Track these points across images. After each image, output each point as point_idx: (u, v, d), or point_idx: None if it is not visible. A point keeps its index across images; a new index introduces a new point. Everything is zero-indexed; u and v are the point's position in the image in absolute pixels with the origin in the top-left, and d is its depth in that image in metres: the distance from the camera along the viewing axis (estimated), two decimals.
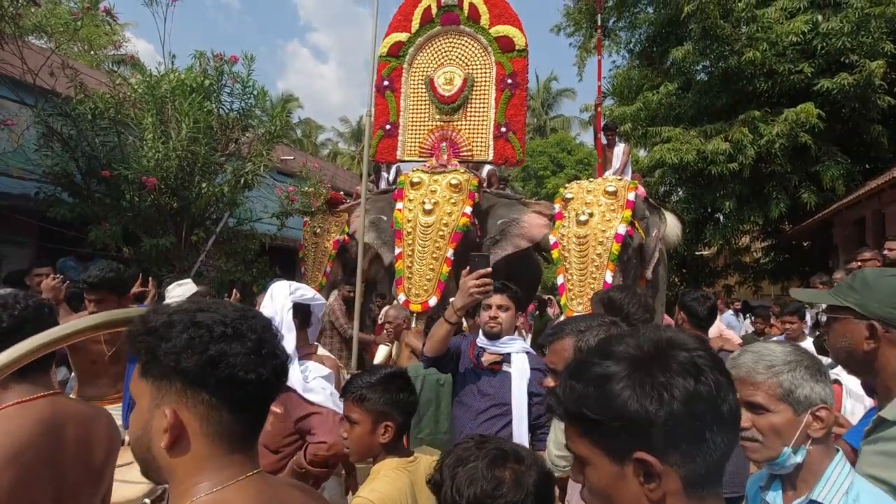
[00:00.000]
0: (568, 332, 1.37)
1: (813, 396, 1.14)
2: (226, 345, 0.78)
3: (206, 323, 0.78)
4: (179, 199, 5.40)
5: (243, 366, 0.78)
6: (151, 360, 0.78)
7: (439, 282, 4.44)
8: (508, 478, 1.02)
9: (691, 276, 11.90)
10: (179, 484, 0.78)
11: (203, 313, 0.80)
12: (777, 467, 1.17)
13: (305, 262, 6.60)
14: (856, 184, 9.05)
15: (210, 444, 0.78)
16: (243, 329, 0.80)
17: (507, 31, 5.19)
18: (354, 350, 3.78)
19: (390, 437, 1.53)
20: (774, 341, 1.32)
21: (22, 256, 6.43)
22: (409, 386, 1.62)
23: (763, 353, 1.20)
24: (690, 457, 0.66)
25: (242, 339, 0.79)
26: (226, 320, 0.80)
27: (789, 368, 1.16)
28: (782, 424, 1.14)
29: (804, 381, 1.15)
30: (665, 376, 0.66)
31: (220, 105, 5.88)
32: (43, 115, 5.35)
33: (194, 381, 0.77)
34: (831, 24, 8.80)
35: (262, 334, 0.82)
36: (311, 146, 28.40)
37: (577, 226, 4.34)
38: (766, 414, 1.15)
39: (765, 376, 1.16)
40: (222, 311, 0.82)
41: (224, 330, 0.79)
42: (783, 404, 1.14)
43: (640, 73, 11.59)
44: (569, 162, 25.33)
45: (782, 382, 1.15)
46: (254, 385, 0.79)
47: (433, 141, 5.31)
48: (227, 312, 0.81)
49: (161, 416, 0.77)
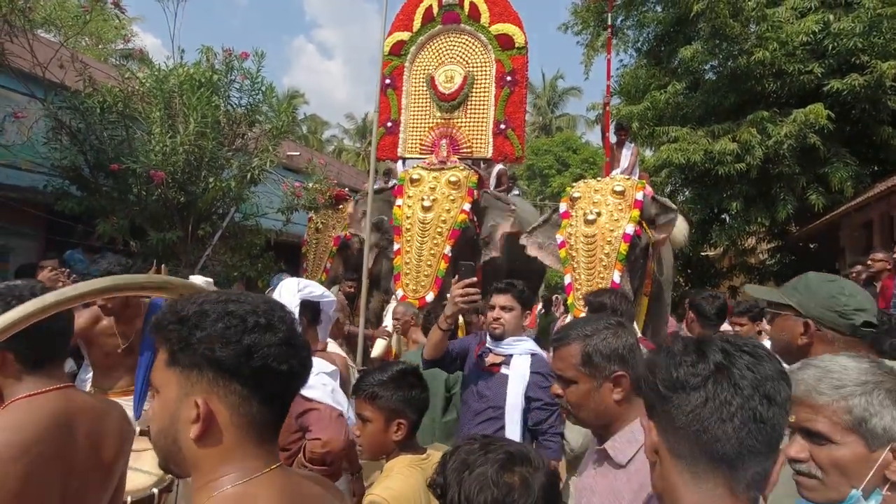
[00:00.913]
0: (574, 336, 1.32)
1: (895, 428, 0.92)
2: (259, 335, 0.78)
3: (239, 313, 0.78)
4: (186, 193, 5.42)
5: (276, 356, 0.78)
6: (183, 349, 0.77)
7: (437, 278, 4.45)
8: (518, 482, 1.00)
9: (696, 277, 11.86)
10: (204, 475, 0.77)
11: (234, 303, 0.80)
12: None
13: (307, 257, 6.61)
14: (864, 186, 8.99)
15: (238, 434, 0.78)
16: (274, 320, 0.80)
17: (507, 29, 5.25)
18: (360, 346, 3.78)
19: (403, 434, 1.52)
20: (845, 355, 1.05)
21: (30, 249, 6.47)
22: (420, 382, 1.61)
23: (830, 369, 0.98)
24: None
25: (274, 330, 0.79)
26: (258, 310, 0.80)
27: (864, 391, 0.94)
28: (850, 460, 0.93)
29: (883, 408, 0.92)
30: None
31: (228, 100, 5.89)
32: (52, 109, 5.37)
33: (228, 371, 0.77)
34: (843, 24, 8.73)
35: (291, 325, 0.83)
36: (317, 142, 28.43)
37: (585, 225, 4.33)
38: (829, 446, 0.95)
39: (830, 398, 0.95)
40: (252, 301, 0.82)
41: (257, 320, 0.78)
42: (852, 435, 0.93)
43: (648, 73, 11.53)
44: (574, 161, 25.27)
45: (852, 408, 0.93)
46: (285, 376, 0.80)
47: (433, 138, 5.35)
48: (257, 303, 0.81)
49: (191, 406, 0.76)
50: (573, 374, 1.30)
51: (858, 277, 5.47)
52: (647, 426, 0.80)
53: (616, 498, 1.21)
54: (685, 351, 0.78)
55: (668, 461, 0.77)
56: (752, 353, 0.76)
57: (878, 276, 4.91)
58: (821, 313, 1.44)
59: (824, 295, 1.46)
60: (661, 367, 0.78)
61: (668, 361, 0.78)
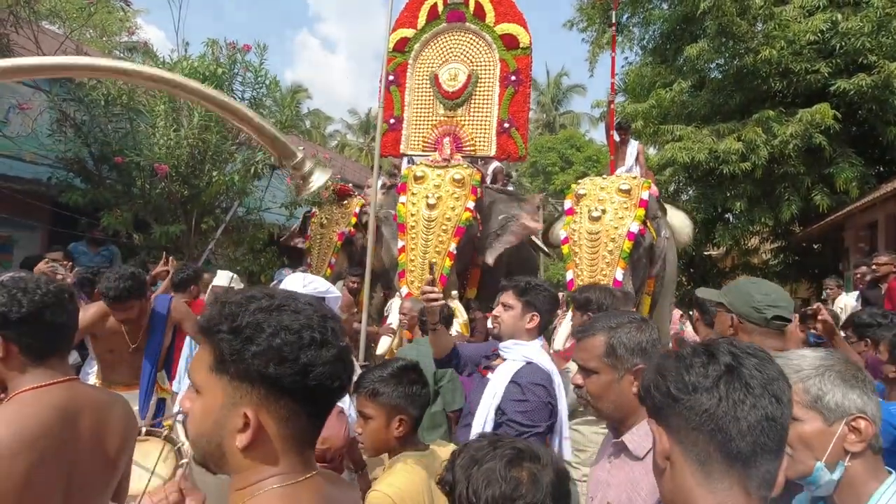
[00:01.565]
0: (599, 328, 1.36)
1: (846, 404, 1.05)
2: (315, 352, 0.77)
3: (294, 327, 0.77)
4: (190, 186, 5.42)
5: (330, 374, 0.78)
6: (235, 361, 0.75)
7: (442, 275, 4.45)
8: (526, 478, 1.00)
9: (699, 276, 11.83)
10: (246, 479, 0.78)
11: (289, 315, 0.78)
12: (813, 487, 1.07)
13: (311, 253, 6.61)
14: (869, 187, 8.93)
15: (284, 445, 0.78)
16: (328, 335, 0.79)
17: (512, 29, 5.28)
18: (362, 343, 3.78)
19: (405, 430, 1.52)
20: (806, 350, 1.23)
21: (34, 241, 6.48)
22: (421, 378, 1.60)
23: (791, 358, 1.13)
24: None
25: (328, 346, 0.78)
26: (312, 324, 0.78)
27: (818, 373, 1.08)
28: (812, 435, 1.05)
29: (834, 386, 1.06)
30: None
31: (233, 94, 5.88)
32: (57, 101, 5.38)
33: (282, 388, 0.76)
34: (851, 23, 8.66)
35: (341, 339, 0.82)
36: (320, 137, 28.41)
37: (590, 221, 4.31)
38: (794, 423, 1.05)
39: (791, 381, 1.06)
40: (306, 312, 0.80)
41: (313, 335, 0.77)
42: (812, 412, 1.06)
43: (653, 71, 11.47)
44: (577, 159, 25.20)
45: (810, 388, 1.07)
46: (335, 392, 0.80)
47: (437, 135, 5.38)
48: (310, 314, 0.80)
49: (238, 415, 0.75)
50: (596, 364, 1.33)
51: (863, 279, 5.44)
52: (657, 432, 0.81)
53: (634, 489, 1.24)
54: (695, 354, 0.81)
55: (682, 464, 0.78)
56: (756, 355, 0.80)
57: (884, 278, 4.89)
58: (742, 309, 1.79)
59: (745, 294, 1.81)
60: (671, 371, 0.80)
61: (679, 365, 0.80)
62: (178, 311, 2.97)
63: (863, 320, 2.37)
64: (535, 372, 1.99)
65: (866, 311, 2.52)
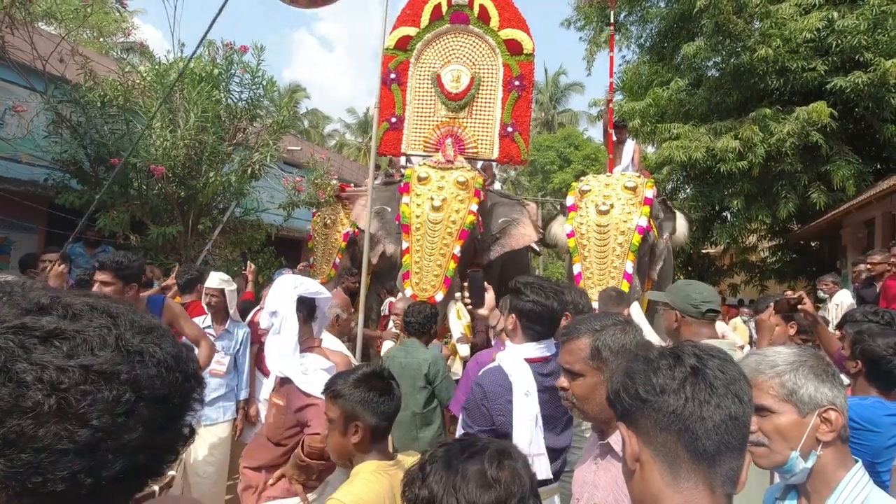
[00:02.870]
0: (584, 331, 1.35)
1: (818, 397, 1.11)
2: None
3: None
4: (186, 187, 5.41)
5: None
6: None
7: (446, 277, 4.46)
8: (510, 476, 0.98)
9: (697, 274, 11.84)
10: None
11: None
12: (788, 475, 1.13)
13: (315, 253, 6.60)
14: (867, 184, 8.95)
15: None
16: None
17: (516, 35, 5.31)
18: (359, 344, 3.78)
19: (359, 438, 1.46)
20: (780, 346, 1.31)
21: (31, 242, 6.48)
22: (384, 386, 1.52)
23: (767, 354, 1.19)
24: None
25: None
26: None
27: (792, 368, 1.14)
28: (787, 426, 1.11)
29: (807, 380, 1.12)
30: None
31: (229, 94, 5.88)
32: (52, 102, 5.37)
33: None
34: (847, 21, 8.66)
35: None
36: (318, 137, 28.37)
37: (598, 215, 4.33)
38: (771, 416, 1.12)
39: (767, 376, 1.15)
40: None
41: None
42: (787, 405, 1.12)
43: (651, 69, 11.47)
44: (576, 157, 25.19)
45: (785, 382, 1.13)
46: None
47: (438, 136, 5.37)
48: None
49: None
50: (581, 367, 1.33)
51: (859, 277, 5.46)
52: (627, 434, 0.83)
53: (621, 490, 1.25)
54: (661, 357, 0.84)
55: (651, 466, 0.80)
56: (718, 356, 0.84)
57: (880, 276, 4.90)
58: (682, 306, 2.11)
59: (683, 293, 2.13)
60: (640, 374, 0.83)
61: (647, 368, 0.83)
62: (170, 310, 2.97)
63: (855, 318, 2.38)
64: (488, 373, 1.91)
65: (859, 310, 2.53)
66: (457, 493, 0.95)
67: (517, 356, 1.88)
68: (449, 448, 1.04)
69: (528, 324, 1.89)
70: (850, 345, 1.95)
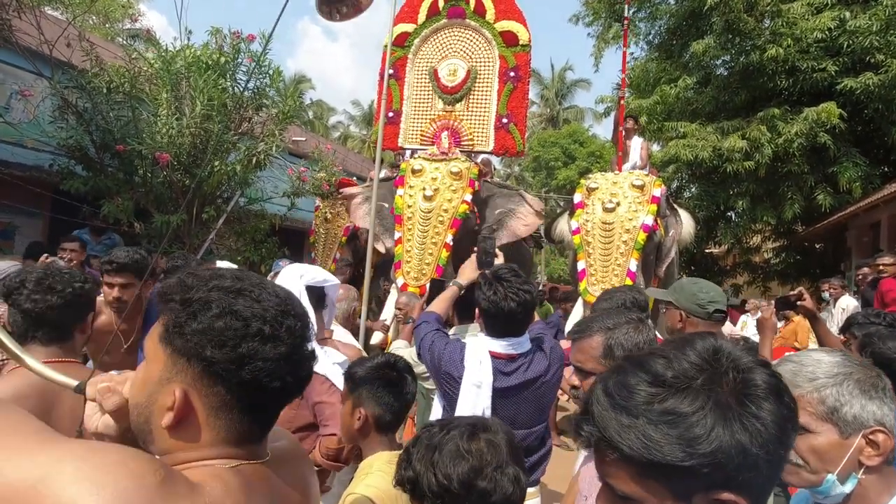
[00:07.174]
0: (597, 329, 1.33)
1: (864, 416, 0.97)
2: (258, 345, 0.71)
3: (244, 314, 0.72)
4: (191, 176, 5.40)
5: (270, 372, 0.72)
6: (177, 333, 0.71)
7: (438, 266, 4.46)
8: (485, 447, 1.05)
9: (700, 274, 11.81)
10: (172, 459, 0.72)
11: (245, 299, 0.73)
12: (821, 496, 1.01)
13: (316, 247, 6.60)
14: (873, 187, 8.89)
15: (214, 436, 0.72)
16: (281, 331, 0.74)
17: (512, 26, 5.31)
18: (362, 335, 3.79)
19: (360, 425, 1.47)
20: (819, 350, 1.14)
21: (35, 227, 6.49)
22: (397, 379, 1.51)
23: (805, 363, 1.04)
24: (763, 486, 0.59)
25: (276, 342, 0.73)
26: (266, 315, 0.73)
27: (835, 382, 0.99)
28: (826, 448, 0.97)
29: (853, 397, 0.98)
30: (751, 406, 0.58)
31: (236, 83, 5.85)
32: (59, 87, 5.35)
33: (215, 373, 0.70)
34: (859, 21, 8.58)
35: (297, 338, 0.76)
36: (323, 128, 28.33)
37: (604, 212, 4.33)
38: (807, 435, 0.98)
39: (805, 390, 1.00)
40: (266, 300, 0.74)
41: (261, 327, 0.72)
42: (827, 424, 0.98)
43: (658, 66, 11.39)
44: (580, 154, 25.10)
45: (825, 398, 0.98)
46: (275, 392, 0.74)
47: (435, 129, 5.40)
48: (268, 305, 0.74)
49: (169, 393, 0.71)
50: (593, 365, 1.31)
51: (864, 280, 5.43)
52: None
53: None
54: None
55: None
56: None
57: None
58: (688, 306, 2.05)
59: (689, 293, 2.07)
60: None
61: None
62: None
63: (858, 321, 2.37)
64: (451, 347, 1.94)
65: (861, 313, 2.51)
66: (434, 469, 1.02)
67: (483, 346, 1.86)
68: (430, 428, 1.11)
69: (486, 320, 1.89)
70: (858, 348, 1.94)
